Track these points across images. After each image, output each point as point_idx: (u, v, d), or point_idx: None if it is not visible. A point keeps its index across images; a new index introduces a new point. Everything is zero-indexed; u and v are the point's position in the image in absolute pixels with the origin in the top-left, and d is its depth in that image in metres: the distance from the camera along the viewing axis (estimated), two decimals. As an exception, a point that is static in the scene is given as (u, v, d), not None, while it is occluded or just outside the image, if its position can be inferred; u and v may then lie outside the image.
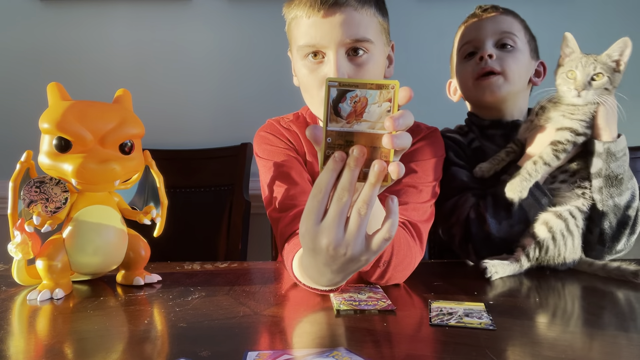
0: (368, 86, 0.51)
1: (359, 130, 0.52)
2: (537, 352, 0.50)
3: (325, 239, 0.54)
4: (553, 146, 0.87)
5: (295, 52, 0.87)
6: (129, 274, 0.80)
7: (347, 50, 0.82)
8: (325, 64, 0.83)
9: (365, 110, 0.51)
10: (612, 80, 0.85)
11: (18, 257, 0.72)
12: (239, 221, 1.40)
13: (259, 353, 0.49)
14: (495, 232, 0.90)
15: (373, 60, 0.84)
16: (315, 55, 0.83)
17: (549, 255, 0.84)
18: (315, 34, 0.81)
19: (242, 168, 1.43)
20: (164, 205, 0.83)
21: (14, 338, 0.57)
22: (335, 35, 0.80)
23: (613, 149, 0.86)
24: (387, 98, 0.51)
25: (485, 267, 0.81)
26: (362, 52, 0.82)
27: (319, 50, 0.82)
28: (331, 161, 0.52)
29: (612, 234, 0.89)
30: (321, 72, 0.83)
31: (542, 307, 0.67)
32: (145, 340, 0.55)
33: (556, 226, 0.84)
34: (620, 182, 0.87)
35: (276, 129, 0.98)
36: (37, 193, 0.73)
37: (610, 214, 0.88)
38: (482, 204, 0.94)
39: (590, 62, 0.85)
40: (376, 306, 0.64)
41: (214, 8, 1.56)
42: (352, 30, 0.80)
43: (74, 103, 0.74)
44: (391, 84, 0.51)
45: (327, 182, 0.52)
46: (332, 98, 0.52)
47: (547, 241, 0.84)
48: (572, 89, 0.86)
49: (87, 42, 1.55)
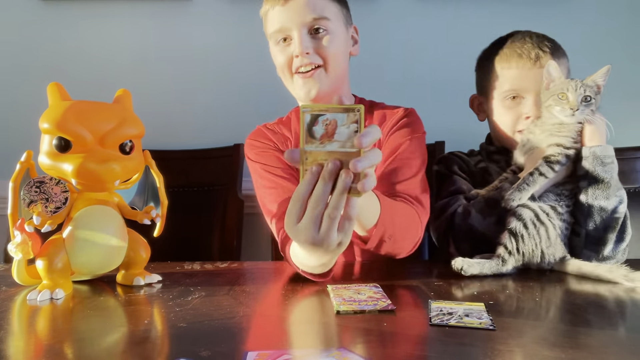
0: (337, 110, 0.58)
1: (331, 149, 0.58)
2: (537, 352, 0.50)
3: (302, 237, 0.62)
4: (547, 159, 0.91)
5: (270, 43, 1.02)
6: (129, 274, 0.80)
7: (309, 30, 0.97)
8: (292, 44, 0.97)
9: (335, 132, 0.58)
10: (595, 102, 0.91)
11: (18, 257, 0.72)
12: (233, 220, 1.42)
13: (258, 353, 0.49)
14: (478, 226, 0.94)
15: (332, 34, 0.98)
16: (285, 40, 0.98)
17: (527, 245, 0.85)
18: (280, 20, 0.97)
19: (236, 168, 1.46)
20: (164, 205, 0.83)
21: (14, 338, 0.57)
22: (297, 17, 0.95)
23: (599, 152, 0.90)
24: (353, 120, 0.57)
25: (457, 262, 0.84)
26: (322, 30, 0.97)
27: (287, 35, 0.97)
28: (308, 174, 0.59)
29: (598, 237, 0.90)
30: (289, 51, 0.98)
31: (542, 307, 0.67)
32: (145, 340, 0.55)
33: (525, 214, 0.87)
34: (607, 187, 0.89)
35: (263, 134, 1.07)
36: (37, 193, 0.73)
37: (596, 216, 0.89)
38: (471, 202, 0.98)
39: (580, 86, 0.91)
40: (376, 306, 0.64)
41: (214, 8, 1.55)
42: (310, 10, 0.95)
43: (74, 103, 0.74)
44: (357, 108, 0.57)
45: (304, 191, 0.60)
46: (307, 122, 0.58)
47: (519, 228, 0.86)
48: (566, 108, 0.91)
49: (87, 42, 1.55)
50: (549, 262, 0.87)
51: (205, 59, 1.57)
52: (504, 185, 0.96)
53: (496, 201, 0.93)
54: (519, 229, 0.86)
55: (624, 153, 1.29)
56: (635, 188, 1.32)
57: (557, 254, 0.87)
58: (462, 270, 0.82)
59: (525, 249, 0.85)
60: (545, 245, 0.86)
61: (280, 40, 0.99)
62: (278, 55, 1.00)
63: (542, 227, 0.86)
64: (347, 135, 0.58)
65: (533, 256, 0.86)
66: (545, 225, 0.87)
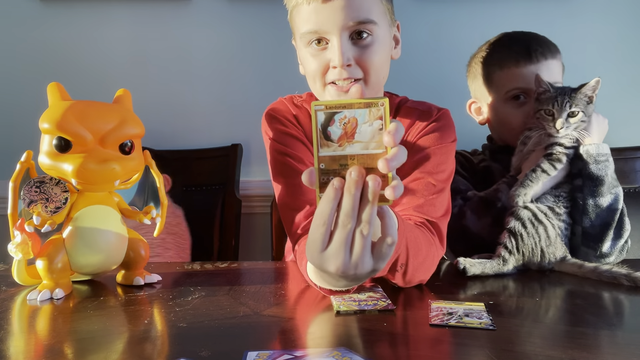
0: (356, 106, 0.49)
1: (353, 152, 0.50)
2: (537, 352, 0.50)
3: (332, 266, 0.53)
4: (548, 157, 0.93)
5: (298, 40, 0.86)
6: (129, 274, 0.80)
7: (351, 34, 0.80)
8: (329, 49, 0.81)
9: (356, 131, 0.50)
10: (586, 112, 0.92)
11: (18, 257, 0.72)
12: (231, 219, 1.43)
13: (258, 353, 0.49)
14: (472, 227, 0.95)
15: (378, 42, 0.82)
16: (319, 42, 0.82)
17: (526, 244, 0.86)
18: (317, 20, 0.80)
19: (234, 168, 1.48)
20: (164, 205, 0.83)
21: (14, 338, 0.57)
22: (337, 19, 0.78)
23: (592, 151, 0.91)
24: (377, 116, 0.49)
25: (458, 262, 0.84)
26: (366, 34, 0.81)
27: (322, 37, 0.81)
28: (330, 190, 0.50)
29: (594, 234, 0.91)
30: (325, 58, 0.82)
31: (542, 307, 0.67)
32: (145, 340, 0.55)
33: (523, 214, 0.88)
34: (601, 183, 0.90)
35: (286, 109, 0.94)
36: (37, 193, 0.73)
37: (591, 213, 0.90)
38: (467, 203, 0.98)
39: (567, 101, 0.91)
40: (376, 306, 0.64)
41: (214, 8, 1.55)
42: (354, 12, 0.78)
43: (74, 103, 0.74)
44: (380, 101, 0.49)
45: (328, 211, 0.50)
46: (320, 122, 0.50)
47: (518, 227, 0.87)
48: (551, 126, 0.92)
49: (87, 42, 1.55)
50: (549, 262, 0.87)
51: (204, 59, 1.56)
52: (501, 186, 0.97)
53: (491, 201, 0.93)
54: (518, 228, 0.86)
55: (623, 153, 1.29)
56: (634, 188, 1.32)
57: (557, 253, 0.87)
58: (464, 270, 0.82)
59: (525, 248, 0.85)
60: (545, 244, 0.86)
61: (313, 41, 0.82)
62: (310, 59, 0.84)
63: (540, 226, 0.87)
64: (370, 134, 0.49)
65: (533, 255, 0.86)
66: (544, 225, 0.87)
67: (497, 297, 0.71)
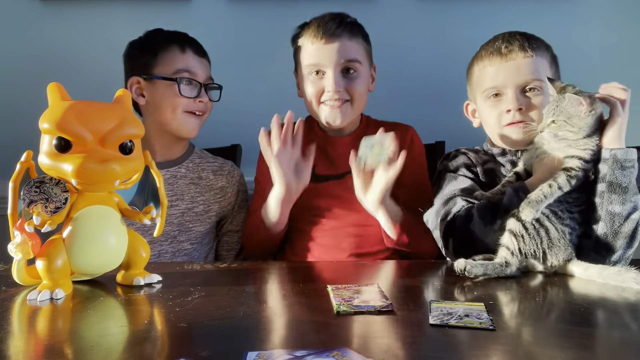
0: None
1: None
2: (537, 352, 0.50)
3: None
4: (567, 172, 0.88)
5: (301, 70, 1.16)
6: (129, 274, 0.80)
7: (342, 69, 1.12)
8: (325, 79, 1.12)
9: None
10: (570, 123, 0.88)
11: (18, 257, 0.72)
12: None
13: (259, 353, 0.49)
14: (478, 232, 0.92)
15: (361, 76, 1.15)
16: (317, 73, 1.13)
17: (528, 246, 0.84)
18: (318, 56, 1.12)
19: None
20: (164, 205, 0.83)
21: (14, 338, 0.57)
22: (333, 57, 1.10)
23: (620, 156, 0.87)
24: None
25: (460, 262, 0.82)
26: (352, 70, 1.13)
27: (320, 69, 1.13)
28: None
29: (608, 242, 0.88)
30: (321, 85, 1.13)
31: (542, 308, 0.67)
32: (145, 340, 0.55)
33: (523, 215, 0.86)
34: (624, 192, 0.87)
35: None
36: (37, 193, 0.73)
37: (608, 220, 0.87)
38: (475, 205, 0.96)
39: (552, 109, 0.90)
40: (376, 306, 0.64)
41: (214, 8, 1.55)
42: (345, 53, 1.11)
43: (74, 103, 0.74)
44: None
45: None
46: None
47: (519, 229, 0.84)
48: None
49: (87, 42, 1.55)
50: (552, 264, 0.85)
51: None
52: (507, 189, 0.94)
53: (499, 207, 0.91)
54: (519, 230, 0.85)
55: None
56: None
57: (560, 256, 0.85)
58: (465, 272, 0.81)
59: (526, 249, 0.84)
60: (546, 246, 0.85)
61: (313, 72, 1.13)
62: (310, 85, 1.14)
63: (541, 229, 0.85)
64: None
65: (535, 257, 0.85)
66: (545, 227, 0.85)
67: (497, 297, 0.71)
